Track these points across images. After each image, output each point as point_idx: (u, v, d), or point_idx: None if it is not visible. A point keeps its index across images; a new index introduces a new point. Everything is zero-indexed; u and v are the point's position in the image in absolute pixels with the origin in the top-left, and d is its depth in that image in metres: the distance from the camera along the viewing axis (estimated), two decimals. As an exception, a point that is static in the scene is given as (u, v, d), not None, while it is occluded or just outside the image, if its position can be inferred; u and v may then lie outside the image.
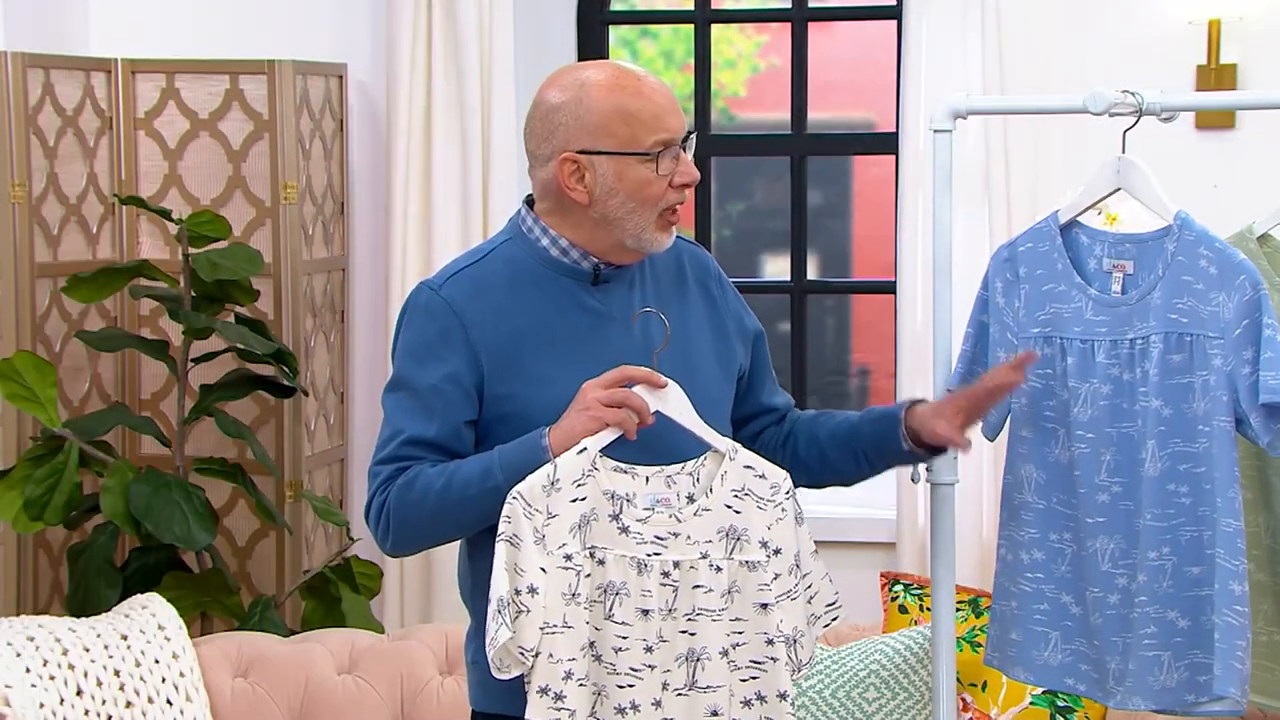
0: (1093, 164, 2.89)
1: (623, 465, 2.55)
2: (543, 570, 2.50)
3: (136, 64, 4.47)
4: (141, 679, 3.57)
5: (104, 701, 3.50)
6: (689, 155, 2.66)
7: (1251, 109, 2.91)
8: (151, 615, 3.69)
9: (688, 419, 2.59)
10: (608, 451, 2.54)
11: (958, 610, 3.04)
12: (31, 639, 3.50)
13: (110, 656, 3.56)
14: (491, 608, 2.48)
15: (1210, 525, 2.70)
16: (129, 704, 3.53)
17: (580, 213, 2.65)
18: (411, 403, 2.64)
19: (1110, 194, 2.87)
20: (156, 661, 3.61)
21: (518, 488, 2.50)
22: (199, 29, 4.73)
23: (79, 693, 3.48)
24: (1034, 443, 2.82)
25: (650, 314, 2.65)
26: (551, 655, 2.49)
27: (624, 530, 2.54)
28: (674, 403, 2.58)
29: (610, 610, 2.53)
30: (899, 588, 3.96)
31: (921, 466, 2.94)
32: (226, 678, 3.72)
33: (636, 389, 2.55)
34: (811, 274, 4.95)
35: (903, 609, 3.91)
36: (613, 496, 2.54)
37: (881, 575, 4.06)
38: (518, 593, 2.48)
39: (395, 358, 2.70)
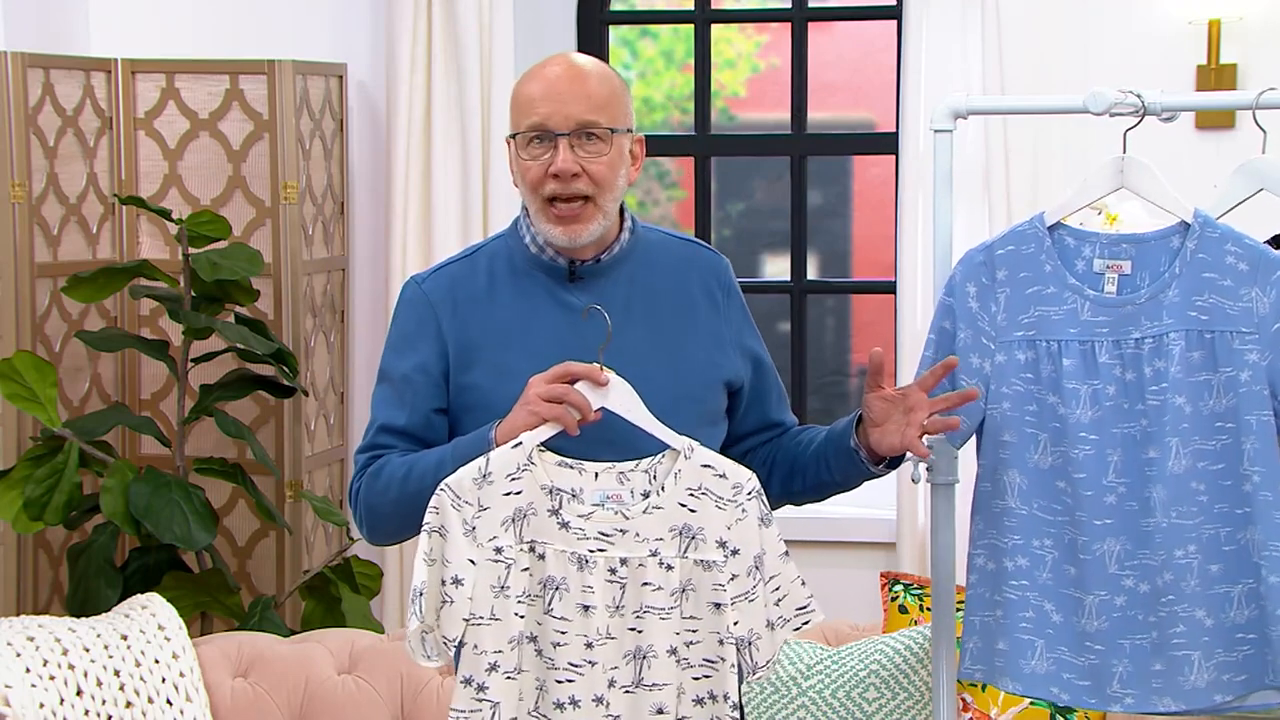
0: (1093, 164, 2.88)
1: (569, 460, 2.56)
2: (471, 562, 2.51)
3: (136, 64, 4.47)
4: (141, 679, 3.57)
5: (104, 701, 3.50)
6: (573, 151, 2.62)
7: (1251, 109, 2.90)
8: (151, 615, 3.69)
9: (637, 415, 2.58)
10: (566, 447, 2.55)
11: (958, 610, 3.03)
12: (31, 639, 3.50)
13: (110, 656, 3.56)
14: (409, 597, 2.52)
15: (1230, 522, 2.71)
16: (129, 704, 3.53)
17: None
18: (388, 392, 2.72)
19: (1107, 194, 2.87)
20: (156, 661, 3.61)
21: (447, 480, 2.53)
22: (199, 29, 4.73)
23: (79, 693, 3.48)
24: (1016, 448, 2.79)
25: (597, 310, 2.62)
26: (476, 647, 2.51)
27: (564, 525, 2.54)
28: (620, 399, 2.57)
29: (549, 605, 2.53)
30: (899, 588, 3.96)
31: (921, 466, 2.93)
32: (226, 678, 3.72)
33: (578, 385, 2.56)
34: (811, 274, 4.95)
35: (903, 609, 3.91)
36: (552, 491, 2.54)
37: (881, 575, 4.06)
38: (442, 583, 2.51)
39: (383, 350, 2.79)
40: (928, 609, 3.86)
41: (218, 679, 3.71)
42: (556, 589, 2.53)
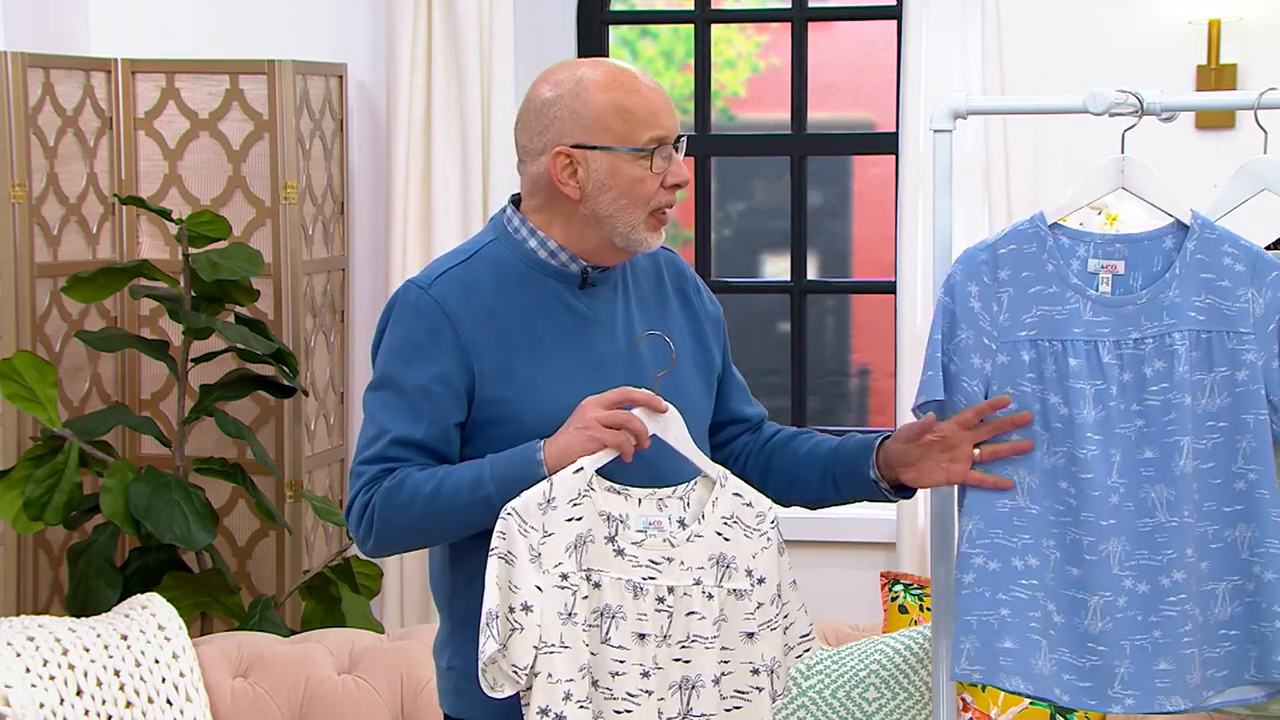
0: (1093, 164, 2.88)
1: (616, 486, 2.53)
2: (538, 589, 2.47)
3: (136, 64, 4.47)
4: (141, 679, 3.57)
5: (104, 701, 3.50)
6: (680, 157, 2.65)
7: (1251, 109, 2.90)
8: (151, 615, 3.69)
9: (684, 445, 2.57)
10: (601, 471, 2.52)
11: (958, 610, 3.02)
12: (31, 639, 3.50)
13: (110, 656, 3.56)
14: (482, 621, 2.46)
15: (1217, 520, 2.71)
16: (129, 704, 3.53)
17: (570, 209, 2.63)
18: (398, 402, 2.59)
19: (1106, 194, 2.86)
20: (156, 661, 3.61)
21: (512, 504, 2.47)
22: (199, 29, 4.73)
23: (79, 693, 3.48)
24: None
25: (654, 336, 2.62)
26: (550, 675, 2.47)
27: (619, 552, 2.51)
28: (673, 428, 2.56)
29: (607, 634, 2.50)
30: (899, 588, 3.96)
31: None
32: (226, 678, 3.72)
33: (636, 412, 2.53)
34: (811, 274, 4.95)
35: (903, 609, 3.91)
36: (608, 518, 2.51)
37: (881, 575, 4.06)
38: (511, 610, 2.46)
39: (379, 356, 2.65)
40: (928, 609, 3.86)
41: (218, 679, 3.71)
42: (613, 617, 2.50)
